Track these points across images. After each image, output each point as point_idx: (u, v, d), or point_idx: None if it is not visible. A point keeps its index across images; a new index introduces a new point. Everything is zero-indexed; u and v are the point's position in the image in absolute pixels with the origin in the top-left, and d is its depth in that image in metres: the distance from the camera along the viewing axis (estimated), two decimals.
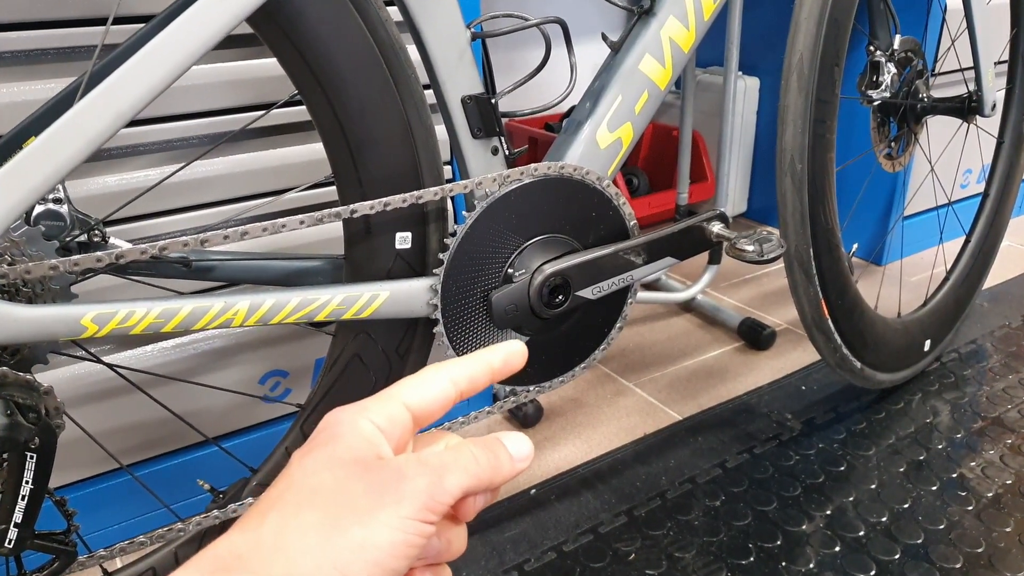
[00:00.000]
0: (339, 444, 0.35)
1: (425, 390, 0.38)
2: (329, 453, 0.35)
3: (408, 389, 0.38)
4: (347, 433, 0.35)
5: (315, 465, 0.34)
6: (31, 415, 0.56)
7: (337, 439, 0.35)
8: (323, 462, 0.34)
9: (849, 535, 0.98)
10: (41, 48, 0.78)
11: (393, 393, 0.37)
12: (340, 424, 0.36)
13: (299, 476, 0.34)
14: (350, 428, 0.35)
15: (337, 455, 0.34)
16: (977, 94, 1.17)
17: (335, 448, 0.35)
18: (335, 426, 0.36)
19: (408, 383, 0.38)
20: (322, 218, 0.64)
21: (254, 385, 1.01)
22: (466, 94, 0.72)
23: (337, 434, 0.35)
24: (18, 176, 0.53)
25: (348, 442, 0.35)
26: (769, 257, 0.83)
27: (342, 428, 0.36)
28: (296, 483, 0.34)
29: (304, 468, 0.34)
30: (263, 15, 0.62)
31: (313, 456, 0.35)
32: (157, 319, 0.60)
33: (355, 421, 0.36)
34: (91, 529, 0.96)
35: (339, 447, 0.35)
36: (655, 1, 0.80)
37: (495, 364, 0.40)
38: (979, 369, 1.34)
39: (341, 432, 0.35)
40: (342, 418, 0.36)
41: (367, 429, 0.36)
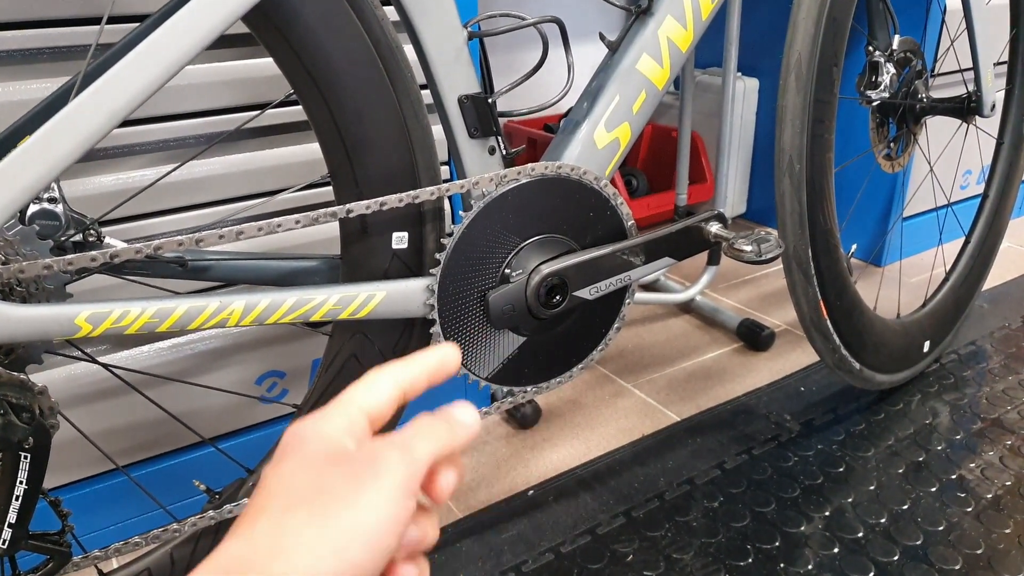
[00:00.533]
0: (307, 447, 0.36)
1: (376, 394, 0.39)
2: (300, 457, 0.36)
3: (360, 394, 0.39)
4: (312, 438, 0.37)
5: (288, 470, 0.35)
6: (25, 415, 0.55)
7: (304, 443, 0.37)
8: (296, 465, 0.36)
9: (848, 536, 0.98)
10: (36, 47, 0.77)
11: (346, 399, 0.39)
12: (303, 431, 0.37)
13: (276, 484, 0.35)
14: (314, 433, 0.37)
15: (307, 456, 0.36)
16: (976, 94, 1.17)
17: (304, 451, 0.36)
18: (299, 434, 0.37)
19: (359, 388, 0.40)
20: (318, 218, 0.64)
21: (251, 386, 1.01)
22: (463, 93, 0.71)
23: (303, 439, 0.37)
24: (11, 175, 0.53)
25: (315, 445, 0.36)
26: (767, 257, 0.83)
27: (306, 434, 0.37)
28: (275, 490, 0.35)
29: (280, 475, 0.36)
30: (259, 14, 0.62)
31: (284, 464, 0.36)
32: (152, 319, 0.60)
33: (317, 427, 0.37)
34: (86, 530, 0.95)
35: (308, 449, 0.36)
36: (653, 1, 0.79)
37: (431, 366, 0.42)
38: (978, 370, 1.33)
39: (306, 437, 0.37)
40: (304, 426, 0.38)
41: (330, 429, 0.37)
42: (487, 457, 1.16)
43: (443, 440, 0.38)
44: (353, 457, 0.36)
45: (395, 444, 0.37)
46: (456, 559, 0.96)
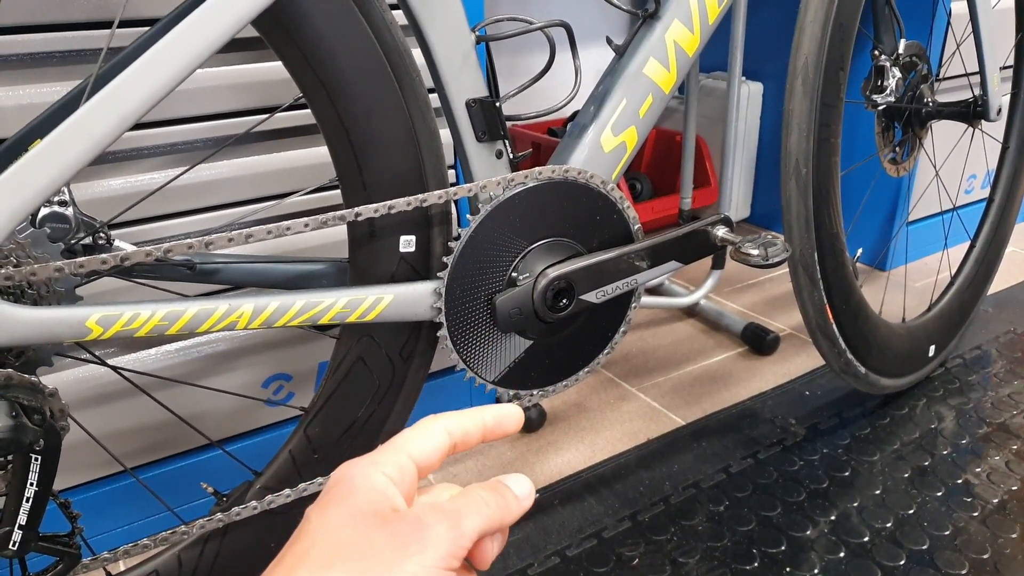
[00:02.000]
0: (356, 498, 0.36)
1: (427, 442, 0.39)
2: (348, 508, 0.35)
3: (412, 442, 0.39)
4: (362, 488, 0.36)
5: (336, 520, 0.35)
6: (36, 417, 0.56)
7: (353, 493, 0.36)
8: (343, 517, 0.35)
9: (854, 541, 0.97)
10: (46, 51, 0.78)
11: (398, 445, 0.39)
12: (353, 478, 0.37)
13: (320, 532, 0.35)
14: (364, 482, 0.36)
15: (356, 509, 0.35)
16: (982, 99, 1.17)
17: (353, 502, 0.36)
18: (349, 480, 0.37)
19: (411, 436, 0.39)
20: (326, 221, 0.64)
21: (257, 388, 1.01)
22: (470, 97, 0.72)
23: (352, 488, 0.36)
24: (24, 178, 0.53)
25: (364, 496, 0.36)
26: (774, 261, 0.83)
27: (356, 483, 0.36)
28: (319, 539, 0.35)
29: (325, 524, 0.35)
30: (268, 18, 0.62)
31: (332, 511, 0.36)
32: (162, 321, 0.60)
33: (368, 475, 0.37)
34: (95, 532, 0.96)
35: (356, 501, 0.36)
36: (660, 5, 0.80)
37: (488, 422, 0.42)
38: (984, 375, 1.33)
39: (356, 487, 0.36)
40: (355, 472, 0.37)
41: (380, 482, 0.37)
42: (492, 460, 1.16)
43: (494, 517, 0.38)
44: (401, 519, 0.35)
45: (445, 515, 0.36)
46: None
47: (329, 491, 0.37)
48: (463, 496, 0.38)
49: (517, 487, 0.39)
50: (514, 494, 0.39)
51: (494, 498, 0.38)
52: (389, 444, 0.39)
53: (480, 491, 0.39)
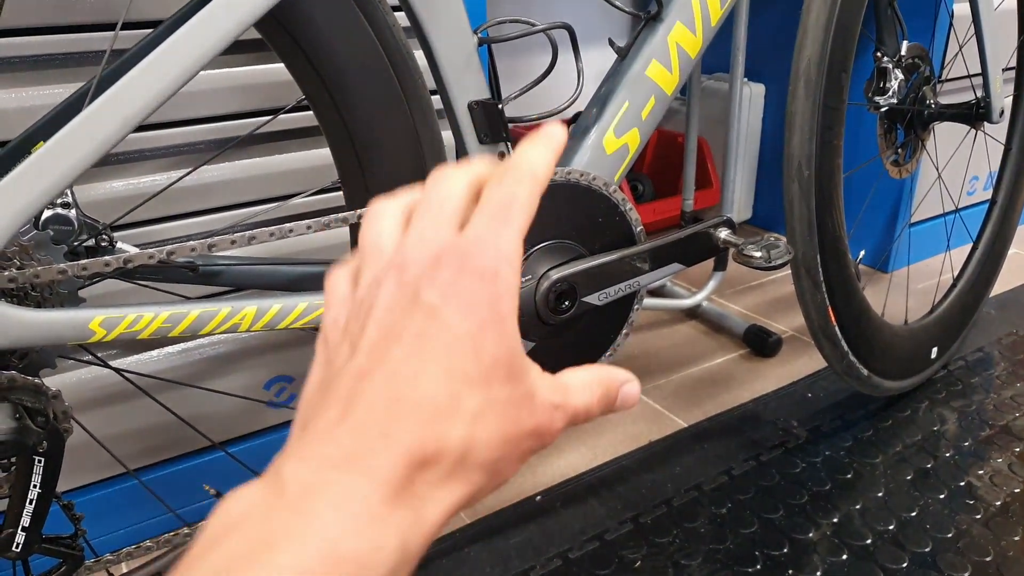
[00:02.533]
0: (499, 329, 0.29)
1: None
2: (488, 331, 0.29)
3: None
4: (508, 312, 0.30)
5: (464, 330, 0.29)
6: (39, 419, 0.56)
7: (500, 318, 0.29)
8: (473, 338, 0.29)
9: (856, 543, 0.97)
10: (50, 53, 0.78)
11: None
12: (501, 288, 0.29)
13: (436, 337, 0.29)
14: (510, 303, 0.30)
15: (496, 339, 0.29)
16: (985, 100, 1.17)
17: (495, 329, 0.29)
18: (495, 282, 0.29)
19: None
20: (329, 223, 0.64)
21: (259, 390, 1.01)
22: (473, 99, 0.72)
23: (498, 301, 0.29)
24: (28, 181, 0.53)
25: (508, 329, 0.30)
26: (776, 263, 0.83)
27: (503, 301, 0.29)
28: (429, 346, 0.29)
29: (447, 326, 0.29)
30: (271, 20, 0.62)
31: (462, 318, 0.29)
32: (165, 323, 0.60)
33: (515, 296, 0.30)
34: (98, 533, 0.96)
35: (497, 331, 0.29)
36: (662, 7, 0.80)
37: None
38: (986, 377, 1.33)
39: (502, 308, 0.29)
40: (504, 281, 0.29)
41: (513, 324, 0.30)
42: None
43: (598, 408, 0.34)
44: (530, 400, 0.30)
45: (563, 414, 0.32)
46: (464, 565, 0.96)
47: (472, 287, 0.29)
48: (578, 390, 0.33)
49: (629, 388, 0.36)
50: (624, 394, 0.35)
51: (600, 391, 0.34)
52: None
53: (588, 378, 0.34)
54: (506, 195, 0.31)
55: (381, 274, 0.31)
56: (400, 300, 0.30)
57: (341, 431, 0.28)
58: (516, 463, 0.31)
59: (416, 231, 0.31)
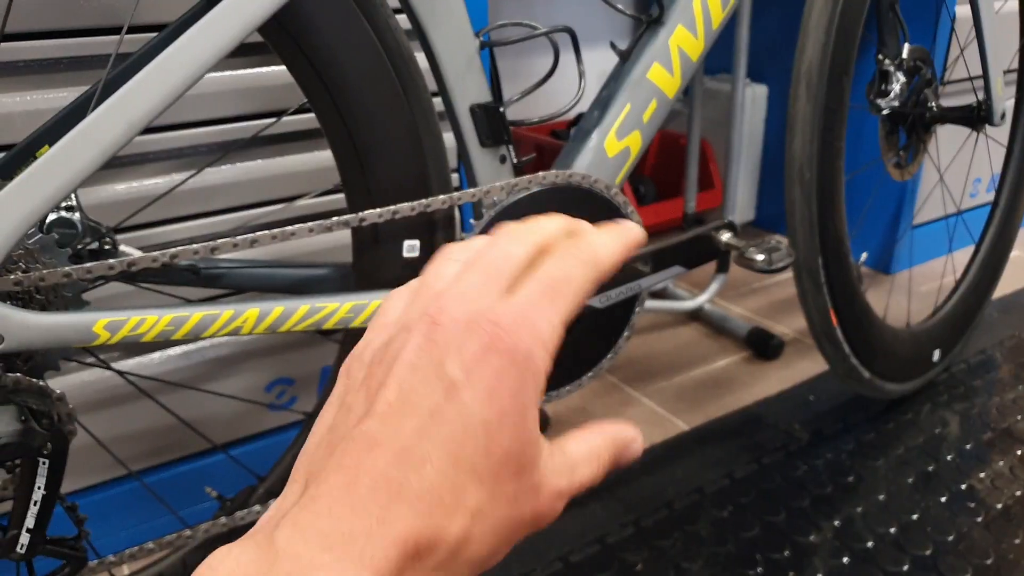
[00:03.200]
0: (522, 398, 0.29)
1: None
2: (508, 408, 0.29)
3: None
4: (532, 394, 0.29)
5: (487, 415, 0.28)
6: (44, 421, 0.56)
7: (524, 389, 0.29)
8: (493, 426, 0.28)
9: (857, 546, 0.97)
10: (55, 57, 0.78)
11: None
12: (528, 371, 0.29)
13: (456, 419, 0.28)
14: (535, 385, 0.29)
15: (517, 417, 0.29)
16: (986, 103, 1.17)
17: (516, 399, 0.29)
18: (523, 368, 0.28)
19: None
20: (331, 226, 0.65)
21: (261, 393, 1.01)
22: (475, 102, 0.72)
23: (523, 384, 0.29)
24: (34, 185, 0.53)
25: (529, 414, 0.29)
26: (778, 266, 0.83)
27: (527, 382, 0.29)
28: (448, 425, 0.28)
29: (467, 405, 0.28)
30: (274, 24, 0.62)
31: (488, 397, 0.28)
32: (168, 326, 0.61)
33: (541, 378, 0.30)
34: (101, 535, 0.95)
35: (519, 403, 0.29)
36: (664, 10, 0.80)
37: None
38: (988, 379, 1.33)
39: (527, 389, 0.29)
40: (534, 364, 0.29)
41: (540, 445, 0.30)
42: None
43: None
44: (533, 481, 0.30)
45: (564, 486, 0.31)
46: None
47: (501, 373, 0.28)
48: (587, 455, 0.32)
49: (632, 439, 0.34)
50: (628, 448, 0.34)
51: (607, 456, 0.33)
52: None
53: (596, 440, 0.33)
54: (562, 273, 0.30)
55: (415, 320, 0.30)
56: (424, 362, 0.28)
57: (342, 507, 0.27)
58: (505, 551, 0.30)
59: (462, 284, 0.30)
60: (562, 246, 0.31)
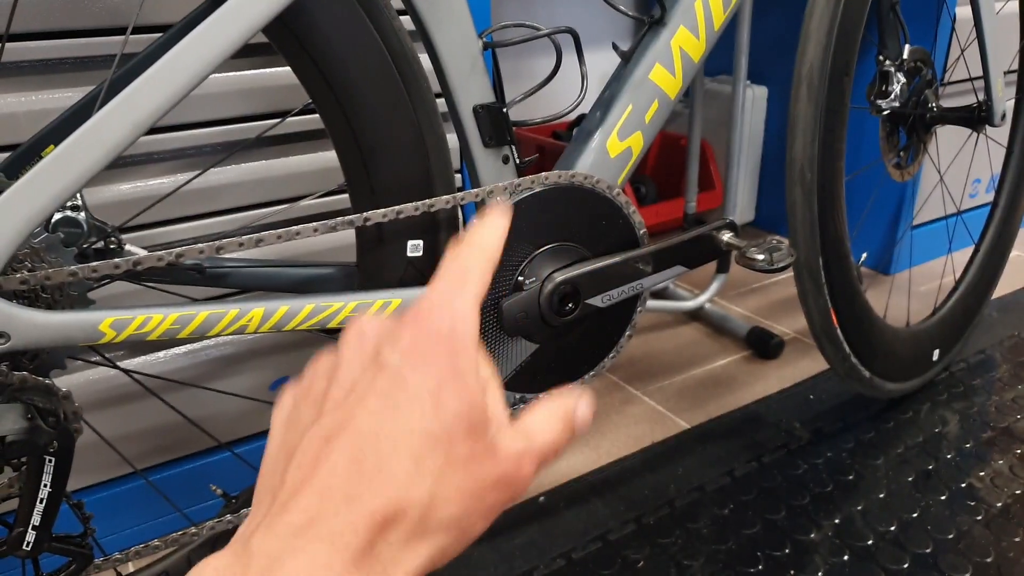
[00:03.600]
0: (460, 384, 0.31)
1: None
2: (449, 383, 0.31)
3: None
4: (468, 370, 0.31)
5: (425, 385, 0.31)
6: (50, 419, 0.56)
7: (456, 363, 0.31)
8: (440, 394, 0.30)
9: (858, 544, 0.98)
10: (60, 57, 0.79)
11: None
12: (458, 348, 0.31)
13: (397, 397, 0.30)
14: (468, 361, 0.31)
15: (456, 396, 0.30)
16: (987, 104, 1.17)
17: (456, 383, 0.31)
18: (452, 341, 0.31)
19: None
20: (336, 226, 0.65)
21: (265, 391, 1.02)
22: (478, 103, 0.72)
23: (456, 358, 0.31)
24: (40, 184, 0.54)
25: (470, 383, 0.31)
26: (779, 266, 0.84)
27: (461, 358, 0.31)
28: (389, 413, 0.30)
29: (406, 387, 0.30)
30: (278, 25, 0.63)
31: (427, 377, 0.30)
32: (174, 325, 0.61)
33: (471, 351, 0.32)
34: (106, 532, 0.96)
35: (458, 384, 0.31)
36: (666, 11, 0.80)
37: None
38: (988, 379, 1.33)
39: (460, 364, 0.31)
40: (460, 341, 0.31)
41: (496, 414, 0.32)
42: None
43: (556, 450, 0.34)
44: (492, 452, 0.31)
45: (526, 463, 0.32)
46: (467, 565, 0.97)
47: (430, 347, 0.30)
48: (538, 431, 0.33)
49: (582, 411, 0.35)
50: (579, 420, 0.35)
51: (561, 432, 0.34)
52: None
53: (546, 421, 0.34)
54: (459, 266, 0.33)
55: (344, 345, 0.33)
56: (363, 361, 0.31)
57: (305, 496, 0.28)
58: (483, 518, 0.31)
59: (378, 314, 0.35)
60: (451, 251, 0.35)
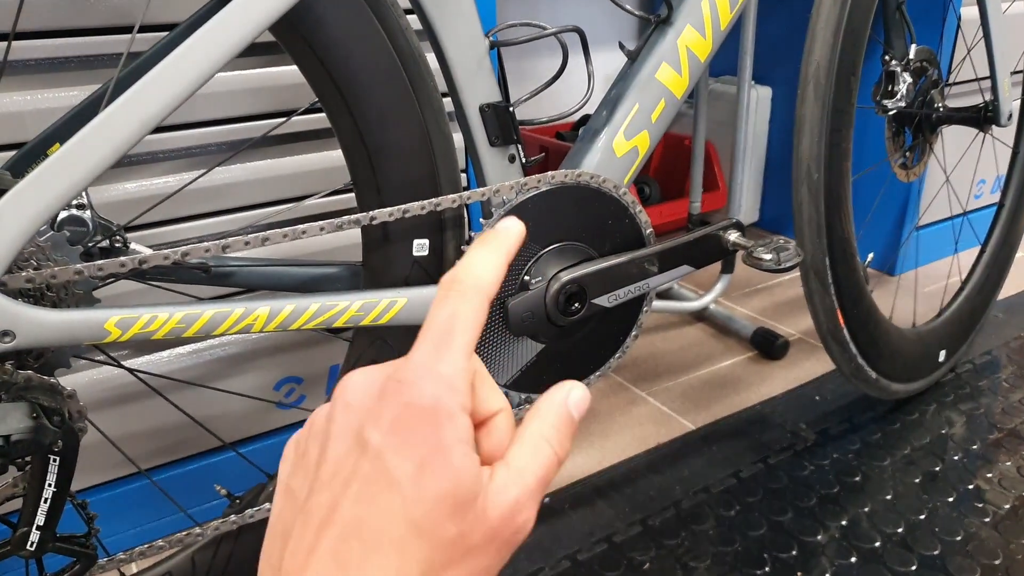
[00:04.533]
0: (444, 461, 0.29)
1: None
2: (434, 469, 0.30)
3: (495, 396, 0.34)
4: (451, 443, 0.30)
5: (414, 480, 0.29)
6: (55, 418, 0.56)
7: (441, 451, 0.30)
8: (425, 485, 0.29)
9: (865, 546, 0.97)
10: (67, 56, 0.79)
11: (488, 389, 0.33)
12: (440, 420, 0.30)
13: (380, 486, 0.29)
14: (452, 432, 0.30)
15: (442, 479, 0.29)
16: (993, 104, 1.17)
17: (439, 464, 0.30)
18: (435, 419, 0.30)
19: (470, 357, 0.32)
20: (342, 224, 0.65)
21: (270, 391, 1.01)
22: (484, 102, 0.72)
23: (440, 440, 0.30)
24: (45, 183, 0.54)
25: (457, 462, 0.30)
26: (786, 266, 0.83)
27: (444, 431, 0.30)
28: (376, 494, 0.29)
29: (391, 478, 0.29)
30: (285, 23, 0.62)
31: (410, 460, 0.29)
32: (179, 324, 0.61)
33: (457, 422, 0.30)
34: (110, 533, 0.96)
35: (443, 465, 0.30)
36: (672, 10, 0.80)
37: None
38: (994, 380, 1.33)
39: (444, 440, 0.30)
40: (443, 409, 0.30)
41: (468, 440, 0.31)
42: None
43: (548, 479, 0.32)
44: (480, 524, 0.30)
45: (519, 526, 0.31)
46: None
47: (411, 425, 0.29)
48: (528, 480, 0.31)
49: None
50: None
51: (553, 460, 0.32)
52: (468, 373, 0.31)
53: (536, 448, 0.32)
54: (448, 314, 0.32)
55: (333, 408, 0.32)
56: (348, 438, 0.30)
57: None
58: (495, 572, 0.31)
59: (365, 368, 0.33)
60: (442, 288, 0.33)
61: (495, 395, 0.34)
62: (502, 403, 0.34)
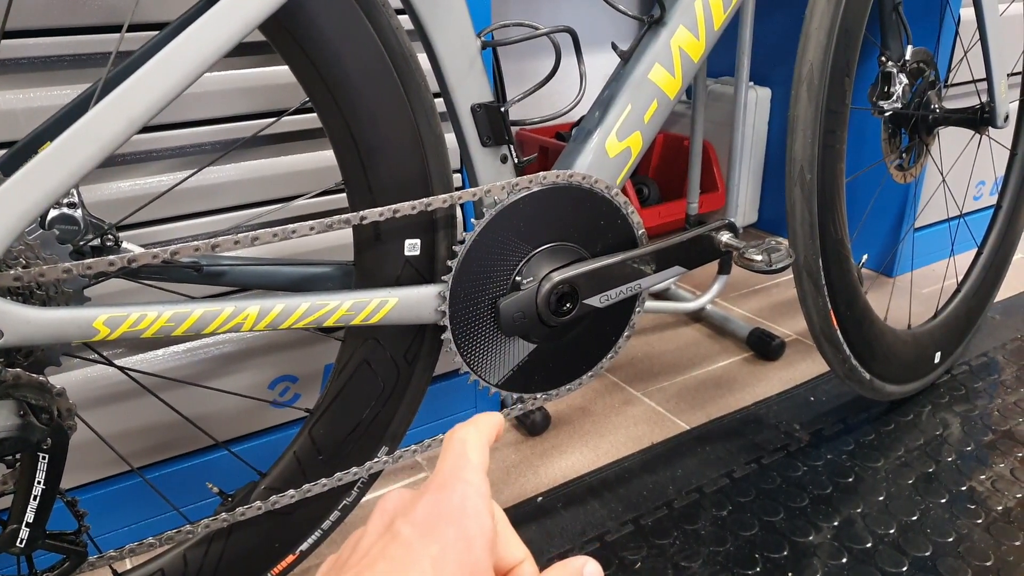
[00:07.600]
0: (470, 556, 0.33)
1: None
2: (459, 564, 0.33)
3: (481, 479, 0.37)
4: (478, 545, 0.34)
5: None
6: (44, 416, 0.56)
7: (470, 548, 0.33)
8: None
9: (857, 547, 0.97)
10: (56, 55, 0.79)
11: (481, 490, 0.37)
12: (468, 526, 0.34)
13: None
14: (481, 538, 0.34)
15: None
16: (990, 105, 1.17)
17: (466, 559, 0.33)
18: (463, 521, 0.34)
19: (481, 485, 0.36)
20: (332, 224, 0.65)
21: (263, 390, 1.02)
22: (476, 102, 0.72)
23: (469, 541, 0.34)
24: (33, 180, 0.54)
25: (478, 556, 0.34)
26: (777, 267, 0.83)
27: (471, 533, 0.34)
28: None
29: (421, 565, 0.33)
30: (275, 23, 0.63)
31: (442, 554, 0.33)
32: (168, 322, 0.61)
33: (484, 528, 0.34)
34: (101, 530, 0.96)
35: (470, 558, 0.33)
36: (666, 11, 0.80)
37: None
38: (990, 382, 1.33)
39: (472, 540, 0.34)
40: (471, 518, 0.34)
41: (487, 542, 0.35)
42: (496, 464, 1.16)
43: None
44: None
45: None
46: None
47: (439, 517, 0.34)
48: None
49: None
50: None
51: None
52: (475, 475, 0.36)
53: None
54: (460, 439, 0.38)
55: (370, 516, 0.36)
56: (380, 528, 0.35)
57: None
58: None
59: (403, 490, 0.38)
60: (446, 438, 0.39)
61: (516, 542, 0.37)
62: (524, 552, 0.37)
